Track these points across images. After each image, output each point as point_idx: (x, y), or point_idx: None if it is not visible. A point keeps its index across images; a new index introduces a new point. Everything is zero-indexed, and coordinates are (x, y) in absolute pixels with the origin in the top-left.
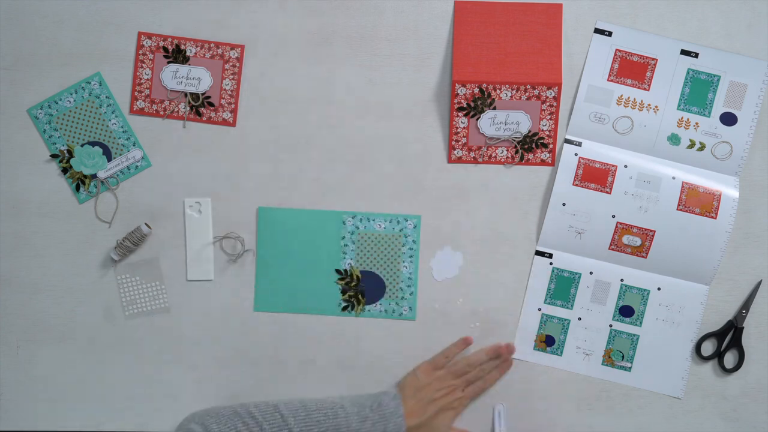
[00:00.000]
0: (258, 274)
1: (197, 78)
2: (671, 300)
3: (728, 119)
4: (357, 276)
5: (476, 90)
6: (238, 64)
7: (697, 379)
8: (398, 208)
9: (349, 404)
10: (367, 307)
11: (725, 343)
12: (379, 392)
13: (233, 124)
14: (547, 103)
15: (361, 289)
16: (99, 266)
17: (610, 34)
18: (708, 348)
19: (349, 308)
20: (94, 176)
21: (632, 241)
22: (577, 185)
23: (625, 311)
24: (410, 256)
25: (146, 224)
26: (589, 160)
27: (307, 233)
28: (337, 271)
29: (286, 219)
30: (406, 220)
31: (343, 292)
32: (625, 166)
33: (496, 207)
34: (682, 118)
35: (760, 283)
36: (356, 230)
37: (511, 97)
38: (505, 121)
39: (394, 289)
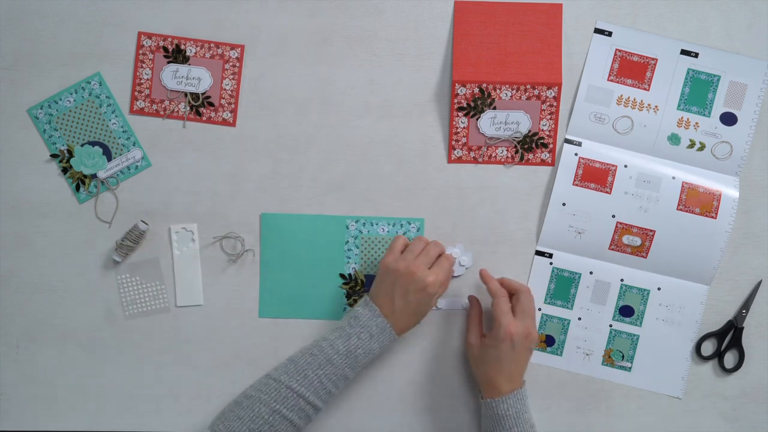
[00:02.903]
0: (262, 280)
1: (197, 78)
2: (671, 300)
3: (728, 119)
4: (361, 280)
5: (476, 90)
6: (238, 64)
7: (697, 379)
8: (398, 208)
9: (329, 333)
10: None
11: (725, 343)
12: (353, 308)
13: (233, 124)
14: (547, 103)
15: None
16: (99, 266)
17: (610, 34)
18: (708, 348)
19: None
20: (94, 176)
21: (632, 241)
22: (577, 185)
23: (625, 311)
24: None
25: (142, 221)
26: (589, 160)
27: (310, 238)
28: (342, 275)
29: (290, 225)
30: (410, 224)
31: (348, 296)
32: (625, 166)
33: (496, 207)
34: (682, 118)
35: (760, 283)
36: (359, 234)
37: (511, 97)
38: (505, 121)
39: None
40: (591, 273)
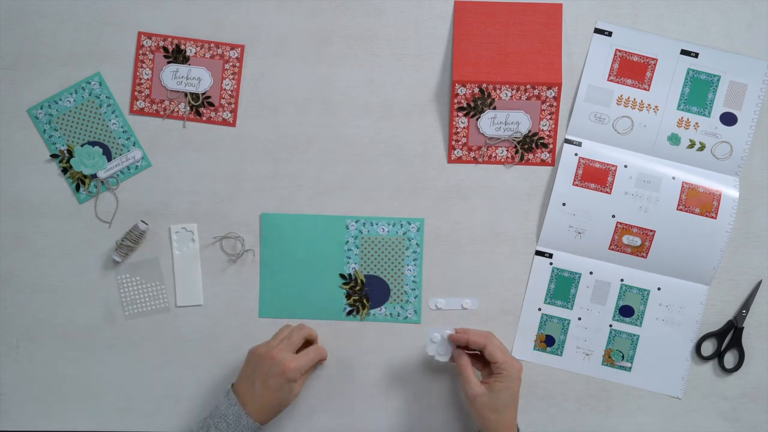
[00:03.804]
0: (262, 280)
1: (197, 78)
2: (671, 300)
3: (728, 119)
4: (361, 280)
5: (476, 90)
6: (238, 64)
7: (697, 379)
8: (398, 208)
9: (195, 425)
10: (372, 312)
11: (725, 343)
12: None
13: (233, 124)
14: (547, 103)
15: (366, 294)
16: (99, 266)
17: (610, 34)
18: (708, 348)
19: (354, 313)
20: (94, 176)
21: (632, 241)
22: (577, 185)
23: (625, 311)
24: (414, 260)
25: (142, 221)
26: (589, 160)
27: (310, 238)
28: (342, 275)
29: (289, 224)
30: (410, 224)
31: (348, 296)
32: (625, 166)
33: (496, 207)
34: (682, 118)
35: (760, 283)
36: (360, 234)
37: (511, 97)
38: (505, 121)
39: (399, 293)
40: (591, 273)
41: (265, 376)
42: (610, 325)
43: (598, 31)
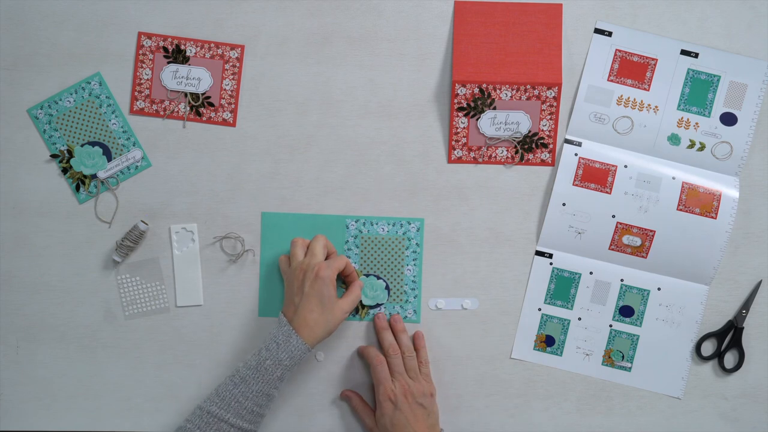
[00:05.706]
0: (262, 279)
1: (197, 78)
2: (671, 300)
3: (728, 119)
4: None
5: (476, 90)
6: (238, 64)
7: (697, 379)
8: (398, 209)
9: (249, 355)
10: (372, 311)
11: (725, 343)
12: None
13: (233, 124)
14: (547, 103)
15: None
16: (99, 266)
17: (610, 34)
18: (708, 348)
19: (354, 312)
20: (94, 176)
21: (632, 241)
22: (577, 185)
23: (625, 311)
24: (414, 259)
25: (142, 221)
26: (589, 160)
27: (310, 238)
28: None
29: (289, 224)
30: (410, 223)
31: None
32: (625, 166)
33: (496, 207)
34: (682, 118)
35: (760, 283)
36: (359, 234)
37: (511, 97)
38: (505, 121)
39: (399, 293)
40: (591, 273)
41: (302, 285)
42: (610, 326)
43: (598, 31)
